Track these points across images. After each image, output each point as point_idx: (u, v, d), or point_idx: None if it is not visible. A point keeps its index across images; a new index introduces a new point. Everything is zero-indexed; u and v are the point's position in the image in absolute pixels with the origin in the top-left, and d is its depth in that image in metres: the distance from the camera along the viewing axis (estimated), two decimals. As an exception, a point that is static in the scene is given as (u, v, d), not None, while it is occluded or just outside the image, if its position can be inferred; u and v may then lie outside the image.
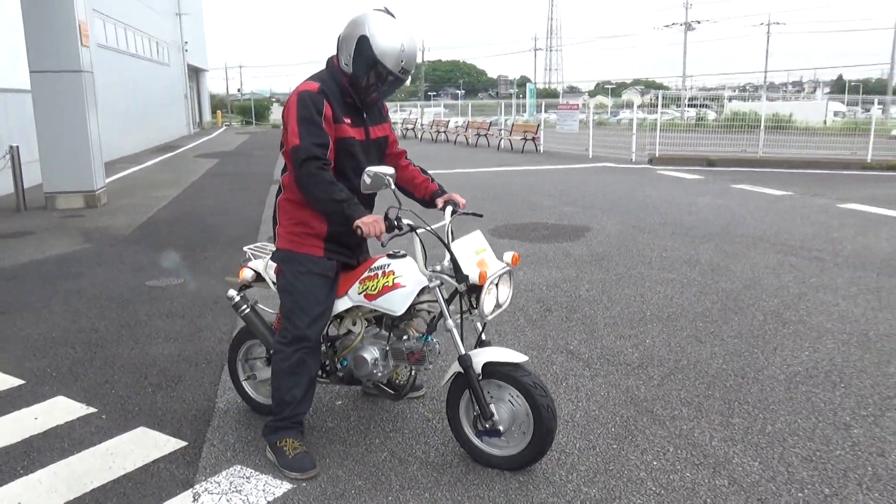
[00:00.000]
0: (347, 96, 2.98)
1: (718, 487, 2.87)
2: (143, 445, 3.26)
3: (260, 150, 24.14)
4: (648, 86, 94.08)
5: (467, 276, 2.82)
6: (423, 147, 23.75)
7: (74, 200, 10.60)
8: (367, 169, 2.79)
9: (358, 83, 2.92)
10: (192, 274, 6.42)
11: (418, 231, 2.89)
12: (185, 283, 6.13)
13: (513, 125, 23.62)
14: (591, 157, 18.90)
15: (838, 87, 78.91)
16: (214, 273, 6.44)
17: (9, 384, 3.97)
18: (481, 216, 3.34)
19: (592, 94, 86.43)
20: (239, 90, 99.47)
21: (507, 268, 2.98)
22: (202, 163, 18.72)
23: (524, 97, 47.41)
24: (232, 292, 3.35)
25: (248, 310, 3.31)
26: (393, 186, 2.81)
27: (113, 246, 7.82)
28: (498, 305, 2.96)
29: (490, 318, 2.90)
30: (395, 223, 2.79)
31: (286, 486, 2.90)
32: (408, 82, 2.82)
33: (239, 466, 3.06)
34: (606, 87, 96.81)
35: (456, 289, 2.92)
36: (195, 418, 3.54)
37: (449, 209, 3.13)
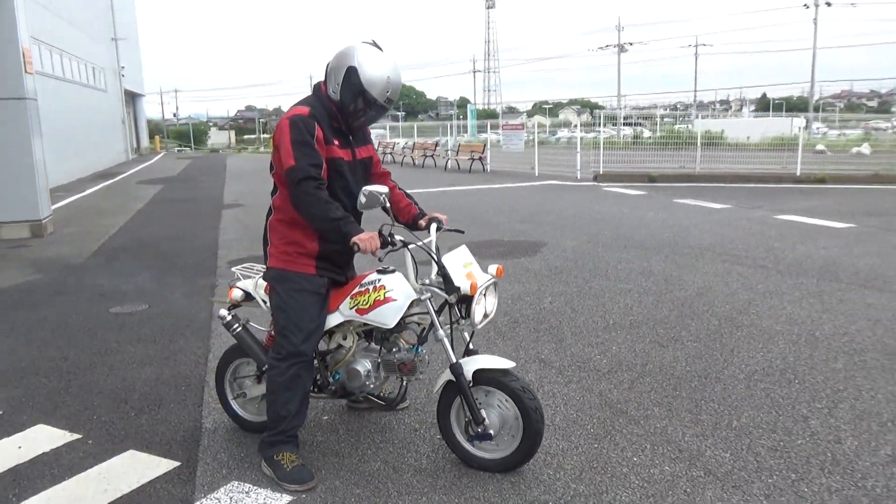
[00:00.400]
0: (335, 120, 3.12)
1: (696, 478, 3.08)
2: (135, 468, 3.28)
3: (204, 175, 23.86)
4: (584, 105, 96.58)
5: (458, 288, 2.97)
6: (370, 169, 23.81)
7: (20, 230, 10.32)
8: (364, 188, 2.94)
9: (345, 109, 3.07)
10: (157, 300, 6.38)
11: (410, 247, 3.04)
12: (151, 308, 6.09)
13: (459, 145, 23.98)
14: (537, 175, 19.35)
15: (763, 104, 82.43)
16: (180, 298, 6.41)
17: (-16, 415, 3.92)
18: (463, 232, 3.51)
19: (530, 114, 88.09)
20: (175, 115, 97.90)
21: (493, 279, 3.15)
22: (146, 189, 18.40)
23: (464, 118, 48.09)
24: (223, 311, 3.41)
25: (239, 328, 3.38)
26: (388, 205, 2.96)
27: (67, 275, 7.68)
28: (486, 315, 3.12)
29: (479, 326, 3.06)
30: (389, 239, 2.93)
31: (286, 498, 2.98)
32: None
33: (236, 482, 3.12)
34: (544, 107, 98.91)
35: (445, 300, 3.07)
36: (184, 439, 3.57)
37: (434, 226, 3.29)
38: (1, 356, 4.91)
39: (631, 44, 70.90)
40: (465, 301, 3.02)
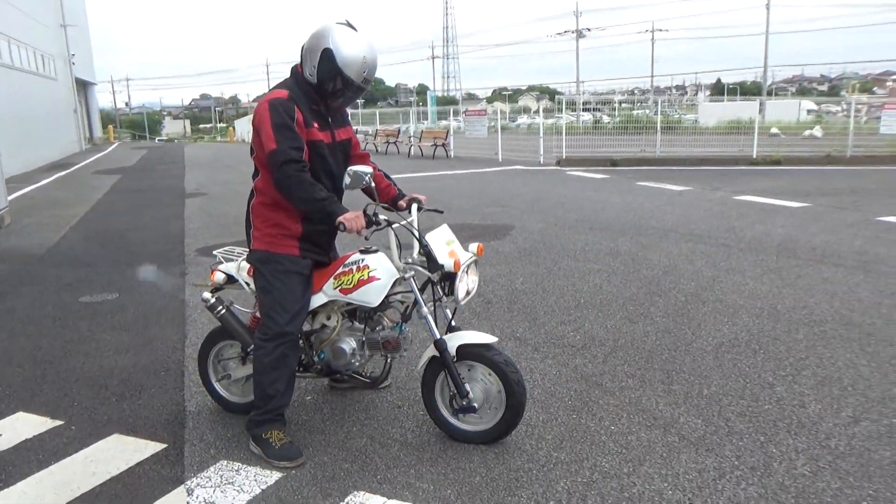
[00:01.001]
0: (314, 103, 3.15)
1: (671, 443, 3.22)
2: (121, 451, 3.30)
3: (162, 164, 23.43)
4: (543, 92, 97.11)
5: (442, 266, 3.05)
6: (332, 156, 23.65)
7: (-24, 222, 10.07)
8: (349, 169, 2.99)
9: (323, 91, 3.11)
10: (127, 289, 6.32)
11: (394, 226, 3.11)
12: (122, 297, 6.03)
13: (422, 132, 23.98)
14: (501, 160, 19.49)
15: (717, 89, 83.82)
16: (150, 287, 6.36)
17: (-40, 405, 3.87)
18: (442, 212, 3.59)
19: (490, 100, 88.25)
20: (126, 104, 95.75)
21: (474, 257, 3.24)
22: (104, 179, 18.02)
23: (424, 105, 47.97)
24: (206, 294, 3.43)
25: (223, 310, 3.41)
26: (372, 185, 3.01)
27: (31, 266, 7.54)
28: (468, 292, 3.20)
29: (462, 303, 3.14)
30: (374, 218, 2.99)
31: (276, 475, 3.03)
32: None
33: (225, 461, 3.16)
34: (503, 93, 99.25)
35: (428, 278, 3.15)
36: (168, 422, 3.59)
37: (415, 206, 3.36)
38: (-30, 347, 4.83)
39: (589, 29, 71.18)
40: (448, 278, 3.10)
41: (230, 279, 3.46)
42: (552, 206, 10.57)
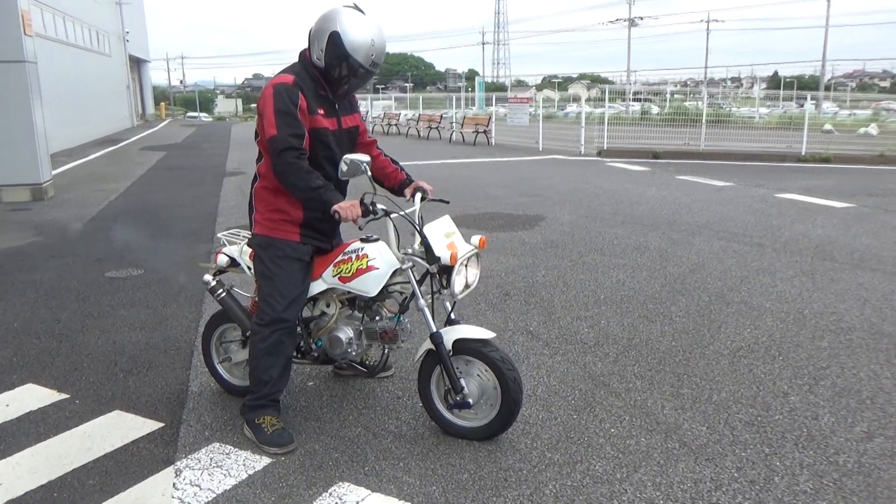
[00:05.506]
0: (321, 88, 3.11)
1: (670, 450, 3.11)
2: (119, 428, 3.34)
3: (208, 142, 23.83)
4: (594, 80, 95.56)
5: (439, 258, 2.98)
6: (374, 140, 23.71)
7: (20, 193, 10.37)
8: (345, 157, 2.94)
9: (330, 76, 3.06)
10: (153, 265, 6.42)
11: (392, 216, 3.05)
12: (146, 274, 6.13)
13: (464, 118, 23.85)
14: (541, 149, 19.27)
15: (774, 82, 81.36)
16: (174, 264, 6.45)
17: (-25, 374, 3.97)
18: (448, 202, 3.51)
19: (539, 87, 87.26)
20: (181, 81, 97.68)
21: (475, 250, 3.16)
22: (149, 156, 18.40)
23: (472, 90, 47.72)
24: (208, 277, 3.44)
25: (223, 294, 3.41)
26: (369, 173, 2.96)
27: (65, 239, 7.73)
28: (467, 286, 3.13)
29: (460, 297, 3.08)
30: (371, 208, 2.94)
31: (266, 460, 3.03)
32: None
33: (217, 444, 3.17)
34: (553, 81, 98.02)
35: (427, 270, 3.09)
36: (169, 401, 3.62)
37: (418, 196, 3.29)
38: (-5, 317, 4.97)
39: (642, 18, 69.72)
40: (446, 271, 3.03)
41: (233, 262, 3.46)
42: (587, 197, 10.39)
